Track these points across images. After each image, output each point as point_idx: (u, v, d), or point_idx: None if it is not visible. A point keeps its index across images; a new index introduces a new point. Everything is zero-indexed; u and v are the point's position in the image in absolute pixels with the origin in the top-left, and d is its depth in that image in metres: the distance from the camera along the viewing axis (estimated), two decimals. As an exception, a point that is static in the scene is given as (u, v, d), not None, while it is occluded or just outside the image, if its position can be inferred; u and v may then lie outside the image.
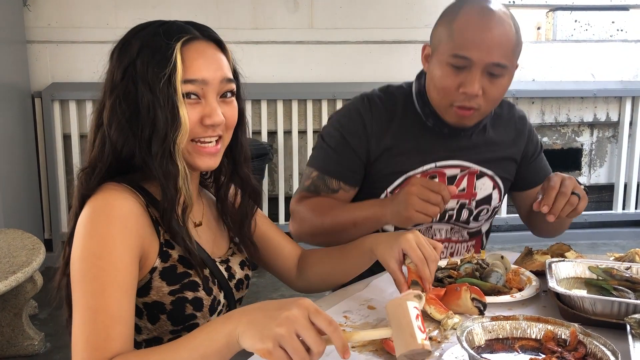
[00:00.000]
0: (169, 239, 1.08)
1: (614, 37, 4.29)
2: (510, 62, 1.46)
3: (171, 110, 1.03)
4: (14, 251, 2.61)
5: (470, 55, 1.42)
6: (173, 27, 1.07)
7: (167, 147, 1.03)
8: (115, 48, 1.08)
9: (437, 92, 1.50)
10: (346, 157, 1.57)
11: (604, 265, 1.29)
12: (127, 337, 0.98)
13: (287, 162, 3.95)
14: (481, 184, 1.62)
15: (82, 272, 0.97)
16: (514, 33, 1.45)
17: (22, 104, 3.58)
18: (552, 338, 0.99)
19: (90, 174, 1.04)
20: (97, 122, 1.07)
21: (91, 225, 1.00)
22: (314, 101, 3.88)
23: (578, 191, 1.39)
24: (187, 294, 1.08)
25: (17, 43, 3.57)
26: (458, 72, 1.45)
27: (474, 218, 1.64)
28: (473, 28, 1.43)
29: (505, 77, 1.47)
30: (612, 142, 4.35)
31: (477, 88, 1.43)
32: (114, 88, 1.05)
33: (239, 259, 1.24)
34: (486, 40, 1.41)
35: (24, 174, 3.56)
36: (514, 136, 1.67)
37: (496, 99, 1.50)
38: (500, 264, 1.36)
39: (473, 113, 1.49)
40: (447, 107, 1.50)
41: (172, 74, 1.02)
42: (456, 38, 1.44)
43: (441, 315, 1.14)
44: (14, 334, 2.70)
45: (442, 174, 1.59)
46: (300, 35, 3.93)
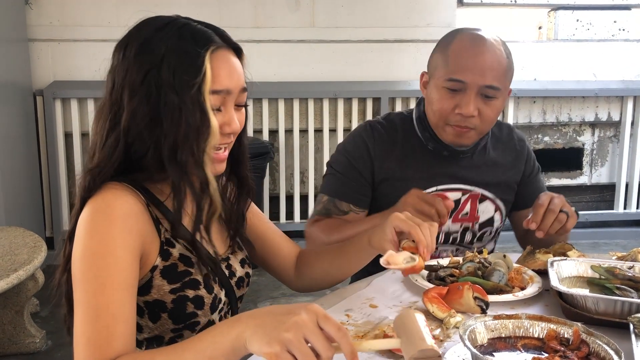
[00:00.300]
0: (170, 237, 1.09)
1: (615, 37, 4.28)
2: (502, 84, 1.54)
3: (201, 119, 1.02)
4: (16, 249, 2.61)
5: (465, 79, 1.51)
6: (198, 32, 1.05)
7: (198, 155, 1.03)
8: (129, 44, 1.05)
9: (434, 114, 1.58)
10: (354, 181, 1.64)
11: (606, 265, 1.29)
12: (129, 337, 0.98)
13: (288, 161, 3.95)
14: (484, 207, 1.68)
15: (83, 272, 0.97)
16: (505, 58, 1.55)
17: (24, 102, 3.58)
18: (555, 337, 0.99)
19: (96, 175, 1.03)
20: (112, 124, 1.05)
21: (92, 225, 0.99)
22: (315, 100, 3.88)
23: (567, 209, 1.45)
24: (188, 292, 1.08)
25: (19, 41, 3.57)
26: (454, 94, 1.54)
27: (478, 239, 1.70)
28: (466, 53, 1.53)
29: (499, 99, 1.56)
30: (614, 141, 4.35)
31: (472, 109, 1.52)
32: (134, 90, 1.02)
33: (240, 256, 1.24)
34: (479, 64, 1.51)
35: (26, 172, 3.57)
36: (513, 158, 1.72)
37: (491, 119, 1.57)
38: (503, 263, 1.36)
39: (470, 131, 1.56)
40: (443, 127, 1.58)
41: (201, 83, 1.02)
42: (451, 63, 1.53)
43: (443, 314, 1.14)
44: (16, 332, 2.71)
45: (445, 197, 1.61)
46: (301, 34, 3.93)
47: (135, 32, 1.06)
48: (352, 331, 1.12)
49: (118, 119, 1.04)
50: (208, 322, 1.12)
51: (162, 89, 1.01)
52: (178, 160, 1.03)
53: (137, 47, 1.04)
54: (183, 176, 1.04)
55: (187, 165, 1.04)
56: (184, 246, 1.10)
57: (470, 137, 1.58)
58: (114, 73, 1.05)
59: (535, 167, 1.78)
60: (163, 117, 1.02)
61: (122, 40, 1.07)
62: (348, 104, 3.91)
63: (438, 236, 1.63)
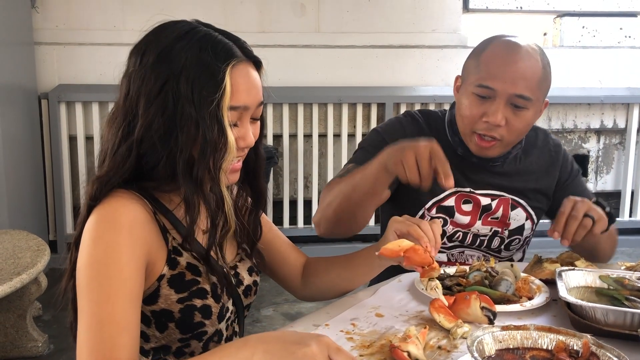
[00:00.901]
0: (177, 245, 1.08)
1: (621, 44, 4.27)
2: (534, 95, 1.49)
3: (219, 135, 1.01)
4: (19, 252, 2.61)
5: (494, 86, 1.47)
6: (219, 45, 1.03)
7: (214, 171, 1.02)
8: (147, 51, 1.03)
9: (462, 120, 1.55)
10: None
11: (615, 275, 1.27)
12: (132, 347, 0.97)
13: (292, 166, 3.94)
14: (515, 214, 1.63)
15: (88, 280, 0.96)
16: (540, 68, 1.49)
17: (29, 105, 3.58)
18: (564, 349, 0.98)
19: (104, 184, 1.02)
20: (124, 132, 1.03)
21: (97, 233, 0.99)
22: (319, 105, 3.87)
23: (592, 213, 1.38)
24: (195, 301, 1.07)
25: (24, 44, 3.58)
26: (483, 101, 1.49)
27: (505, 247, 1.66)
28: (498, 60, 1.48)
29: (530, 110, 1.50)
30: (619, 149, 4.33)
31: (499, 118, 1.47)
32: (150, 101, 1.00)
33: (247, 265, 1.23)
34: (510, 72, 1.46)
35: (30, 175, 3.56)
36: (547, 165, 1.68)
37: (520, 131, 1.52)
38: (510, 272, 1.35)
39: (495, 144, 1.52)
40: (470, 135, 1.54)
41: (220, 99, 1.00)
42: (482, 69, 1.49)
43: (450, 324, 1.13)
44: (18, 336, 2.70)
45: (477, 200, 1.60)
46: (306, 39, 3.93)
47: (153, 39, 1.04)
48: (357, 340, 1.11)
49: (132, 128, 1.02)
50: (215, 331, 1.11)
51: (179, 101, 1.00)
52: (194, 176, 1.02)
53: (156, 55, 1.02)
54: (198, 192, 1.03)
55: (203, 181, 1.03)
56: (192, 255, 1.09)
57: (495, 149, 1.54)
58: (130, 79, 1.04)
59: (573, 172, 1.71)
60: (179, 130, 1.00)
61: (139, 45, 1.05)
62: (352, 110, 3.90)
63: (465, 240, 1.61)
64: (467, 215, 1.60)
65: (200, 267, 1.09)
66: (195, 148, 1.01)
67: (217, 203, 1.07)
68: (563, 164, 1.70)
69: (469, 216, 1.60)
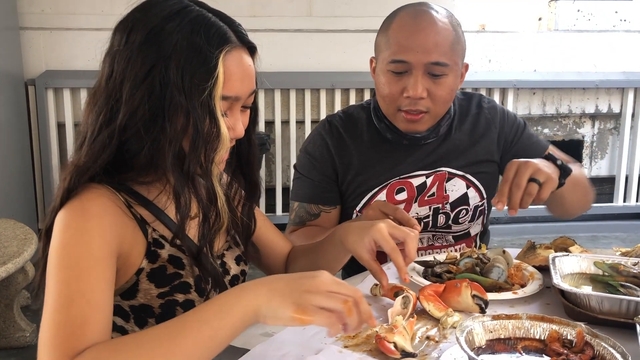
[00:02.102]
0: (158, 237, 1.02)
1: (617, 28, 4.23)
2: (450, 60, 1.45)
3: (211, 126, 0.95)
4: (5, 241, 2.58)
5: (407, 58, 1.43)
6: (213, 28, 0.97)
7: (206, 165, 0.97)
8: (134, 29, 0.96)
9: (384, 100, 1.51)
10: (318, 181, 1.59)
11: (610, 261, 1.24)
12: (105, 326, 0.90)
13: (285, 153, 3.90)
14: (452, 185, 1.58)
15: (57, 263, 0.91)
16: (450, 31, 1.45)
17: (15, 92, 3.52)
18: (557, 339, 0.94)
19: (80, 175, 0.95)
20: (106, 118, 0.96)
21: (66, 222, 0.93)
22: (312, 90, 3.82)
23: (538, 176, 1.28)
24: (177, 296, 1.02)
25: (10, 29, 3.51)
26: (399, 77, 1.46)
27: (453, 221, 1.60)
28: (406, 31, 1.44)
29: (450, 76, 1.46)
30: (614, 134, 4.30)
31: (420, 90, 1.43)
32: (135, 86, 0.94)
33: (235, 253, 1.18)
34: (420, 41, 1.42)
35: (17, 163, 3.52)
36: (484, 128, 1.62)
37: (444, 99, 1.48)
38: (502, 259, 1.31)
39: (422, 116, 1.48)
40: (395, 113, 1.50)
41: (213, 87, 0.94)
42: (392, 44, 1.46)
43: (440, 313, 1.09)
44: (5, 326, 2.67)
45: (409, 184, 1.57)
46: (298, 23, 3.87)
47: (141, 16, 0.97)
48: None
49: (114, 114, 0.95)
50: None
51: (167, 88, 0.94)
52: (184, 170, 0.96)
53: (144, 35, 0.95)
54: (189, 186, 0.98)
55: (194, 175, 0.98)
56: (177, 247, 1.03)
57: (424, 122, 1.50)
58: (114, 58, 0.96)
59: (518, 128, 1.64)
60: (167, 119, 0.94)
61: (125, 21, 0.98)
62: (346, 95, 3.86)
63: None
64: (401, 204, 1.56)
65: (184, 259, 1.04)
66: (186, 139, 0.96)
67: (209, 197, 1.02)
68: (502, 123, 1.63)
69: (403, 204, 1.56)
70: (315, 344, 1.02)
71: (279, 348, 1.01)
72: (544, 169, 1.30)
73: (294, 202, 1.62)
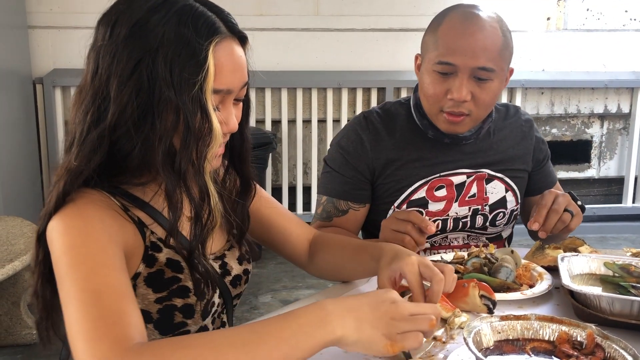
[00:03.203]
0: (156, 240, 0.99)
1: (626, 27, 4.19)
2: (497, 65, 1.44)
3: (202, 121, 0.91)
4: (13, 239, 2.58)
5: (455, 61, 1.42)
6: (201, 18, 0.92)
7: (198, 162, 0.93)
8: (118, 22, 0.91)
9: (427, 100, 1.51)
10: (350, 177, 1.57)
11: (620, 262, 1.22)
12: (140, 317, 0.84)
13: (291, 152, 3.90)
14: (492, 187, 1.59)
15: (69, 262, 0.85)
16: (499, 36, 1.44)
17: (23, 90, 3.53)
18: (567, 340, 0.92)
19: (74, 178, 0.91)
20: (94, 117, 0.91)
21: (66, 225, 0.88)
22: (319, 89, 3.82)
23: (572, 208, 1.41)
24: (176, 301, 0.99)
25: (18, 28, 3.52)
26: (445, 78, 1.45)
27: (491, 223, 1.61)
28: (456, 33, 1.43)
29: (495, 81, 1.46)
30: (623, 134, 4.27)
31: (464, 93, 1.43)
32: (122, 83, 0.89)
33: (237, 253, 1.15)
34: (469, 45, 1.42)
35: (25, 161, 3.52)
36: (520, 138, 1.64)
37: (487, 103, 1.48)
38: (510, 259, 1.29)
39: (464, 119, 1.48)
40: (437, 114, 1.50)
41: (203, 81, 0.90)
42: (440, 45, 1.45)
43: (447, 313, 1.08)
44: (12, 323, 2.67)
45: (450, 182, 1.56)
46: (305, 22, 3.86)
47: (125, 8, 0.93)
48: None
49: (102, 112, 0.91)
50: (200, 328, 1.03)
51: (156, 83, 0.89)
52: (175, 168, 0.92)
53: (128, 28, 0.90)
54: (181, 185, 0.93)
55: (186, 173, 0.93)
56: (175, 250, 1.00)
57: (465, 124, 1.50)
58: (98, 53, 0.92)
59: (547, 154, 1.70)
60: (156, 115, 0.90)
61: (108, 14, 0.94)
62: (352, 94, 3.84)
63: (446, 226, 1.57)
64: (441, 201, 1.56)
65: (182, 262, 1.00)
66: (176, 136, 0.92)
67: (201, 196, 0.97)
68: (537, 140, 1.67)
69: (444, 201, 1.56)
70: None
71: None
72: (575, 204, 1.44)
73: (322, 196, 1.60)
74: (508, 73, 1.53)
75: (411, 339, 0.85)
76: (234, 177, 1.14)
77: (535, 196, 1.65)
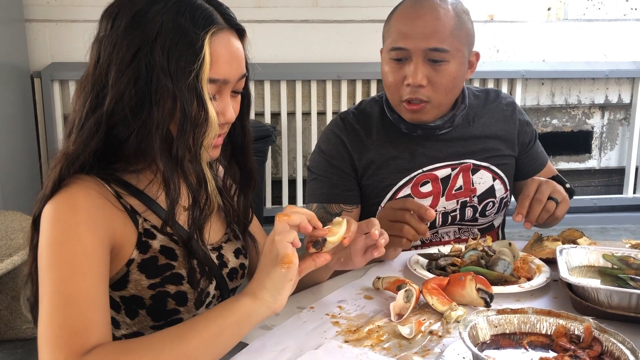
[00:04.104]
0: (150, 227, 1.01)
1: (627, 16, 4.17)
2: (451, 45, 1.42)
3: (198, 109, 0.94)
4: (12, 233, 2.58)
5: (406, 45, 1.42)
6: (198, 10, 0.95)
7: (195, 149, 0.96)
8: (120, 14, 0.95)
9: (388, 90, 1.50)
10: (338, 179, 1.55)
11: (619, 253, 1.21)
12: (106, 326, 0.90)
13: (291, 144, 3.88)
14: (479, 177, 1.56)
15: (49, 260, 0.89)
16: (452, 16, 1.43)
17: (21, 84, 3.52)
18: (564, 334, 0.91)
19: (70, 163, 0.94)
20: (93, 104, 0.95)
21: (55, 216, 0.92)
22: (318, 82, 3.79)
23: (556, 196, 1.36)
24: (169, 287, 1.00)
25: (15, 22, 3.50)
26: (401, 65, 1.44)
27: (480, 214, 1.58)
28: (406, 18, 1.44)
29: (451, 63, 1.43)
30: (624, 124, 4.25)
31: (419, 77, 1.41)
32: (121, 70, 0.93)
33: (234, 246, 1.16)
34: (418, 27, 1.41)
35: (24, 156, 3.51)
36: (502, 123, 1.61)
37: (445, 86, 1.45)
38: (508, 252, 1.28)
39: (424, 106, 1.46)
40: (399, 104, 1.49)
41: (199, 70, 0.93)
42: (393, 32, 1.45)
43: (444, 307, 1.07)
44: (12, 317, 2.67)
45: (434, 177, 1.54)
46: (304, 13, 3.83)
47: (126, 1, 0.97)
48: (344, 325, 1.05)
49: (101, 100, 0.95)
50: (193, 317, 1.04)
51: (154, 71, 0.93)
52: (173, 155, 0.95)
53: (128, 19, 0.94)
54: (178, 171, 0.96)
55: (183, 160, 0.96)
56: (169, 237, 1.02)
57: (427, 112, 1.47)
58: (100, 44, 0.96)
59: (534, 135, 1.66)
60: (153, 102, 0.93)
61: (111, 7, 0.98)
62: (352, 86, 3.82)
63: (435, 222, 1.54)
64: (427, 197, 1.54)
65: (177, 250, 1.02)
66: (173, 123, 0.95)
67: (198, 181, 1.00)
68: (521, 123, 1.63)
69: (430, 197, 1.54)
70: (315, 338, 1.00)
71: (278, 342, 0.99)
72: (561, 190, 1.38)
73: (312, 204, 1.56)
74: (473, 57, 1.51)
75: (281, 245, 0.93)
76: (234, 170, 1.15)
77: (524, 180, 1.61)
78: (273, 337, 1.01)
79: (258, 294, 0.94)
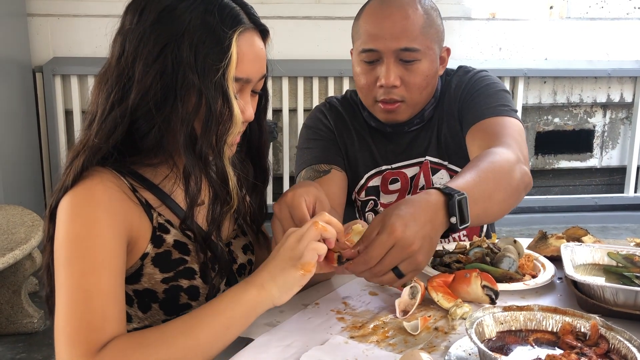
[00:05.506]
0: (164, 222, 1.01)
1: (630, 15, 4.16)
2: (422, 44, 1.40)
3: (224, 106, 0.95)
4: (13, 228, 2.58)
5: (377, 46, 1.39)
6: (226, 9, 0.96)
7: (218, 146, 0.96)
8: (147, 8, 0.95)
9: (361, 92, 1.48)
10: (325, 143, 1.54)
11: (624, 252, 1.21)
12: (122, 321, 0.92)
13: (292, 141, 3.88)
14: (439, 178, 1.54)
15: (68, 255, 0.91)
16: (421, 15, 1.40)
17: (23, 79, 3.51)
18: (571, 331, 0.91)
19: (95, 152, 0.95)
20: (117, 97, 0.95)
21: (73, 210, 0.93)
22: (320, 78, 3.79)
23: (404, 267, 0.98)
24: (182, 282, 1.01)
25: (17, 16, 3.50)
26: (372, 66, 1.42)
27: None
28: (374, 19, 1.40)
29: (423, 62, 1.41)
30: (626, 123, 4.25)
31: (392, 78, 1.39)
32: (147, 65, 0.93)
33: (243, 242, 1.17)
34: (388, 28, 1.38)
35: (25, 150, 3.51)
36: (456, 109, 1.52)
37: (419, 86, 1.43)
38: (513, 249, 1.28)
39: (399, 106, 1.44)
40: (373, 105, 1.47)
41: (226, 68, 0.94)
42: (362, 33, 1.42)
43: (449, 304, 1.07)
44: (13, 312, 2.68)
45: (403, 175, 1.54)
46: (306, 10, 3.83)
47: None
48: (349, 321, 1.05)
49: (125, 93, 0.95)
50: None
51: (180, 67, 0.93)
52: (197, 151, 0.96)
53: (156, 14, 0.94)
54: (201, 167, 0.97)
55: (207, 157, 0.97)
56: (182, 232, 1.03)
57: (402, 111, 1.45)
58: (125, 37, 0.96)
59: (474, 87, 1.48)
60: (178, 98, 0.94)
61: (137, 0, 0.98)
62: (354, 83, 3.81)
63: None
64: (393, 194, 1.53)
65: (190, 245, 1.03)
66: (197, 120, 0.95)
67: (220, 178, 1.01)
68: (460, 99, 1.49)
69: (396, 194, 1.53)
70: (321, 334, 1.00)
71: (284, 338, 0.99)
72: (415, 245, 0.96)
73: (300, 171, 1.52)
74: (444, 53, 1.48)
75: (309, 254, 0.93)
76: (248, 167, 1.16)
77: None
78: (278, 333, 1.01)
79: (266, 286, 0.93)
